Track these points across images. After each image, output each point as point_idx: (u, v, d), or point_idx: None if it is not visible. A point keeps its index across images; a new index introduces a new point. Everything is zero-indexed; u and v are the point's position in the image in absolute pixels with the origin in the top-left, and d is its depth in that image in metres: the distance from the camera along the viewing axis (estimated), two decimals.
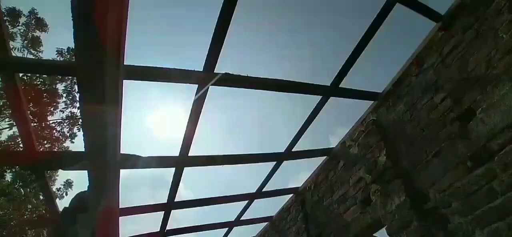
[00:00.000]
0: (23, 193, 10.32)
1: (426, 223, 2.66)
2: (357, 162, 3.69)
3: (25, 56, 9.26)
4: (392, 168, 3.03)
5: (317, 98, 3.32)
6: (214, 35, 2.16)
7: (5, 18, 8.90)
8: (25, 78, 8.84)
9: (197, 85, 2.48)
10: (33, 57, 9.14)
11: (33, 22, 9.47)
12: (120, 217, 4.16)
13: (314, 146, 4.34)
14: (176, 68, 2.27)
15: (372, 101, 3.55)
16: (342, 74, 3.02)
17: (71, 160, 2.58)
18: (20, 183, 10.92)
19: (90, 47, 1.61)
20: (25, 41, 9.37)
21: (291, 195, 5.42)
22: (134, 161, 2.92)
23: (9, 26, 9.01)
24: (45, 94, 9.00)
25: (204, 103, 2.69)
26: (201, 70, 2.35)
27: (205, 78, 2.38)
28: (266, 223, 6.41)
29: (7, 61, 1.89)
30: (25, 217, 10.34)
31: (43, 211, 10.11)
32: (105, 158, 2.33)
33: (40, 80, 9.07)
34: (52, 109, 9.37)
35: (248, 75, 2.55)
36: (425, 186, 2.72)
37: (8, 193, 10.05)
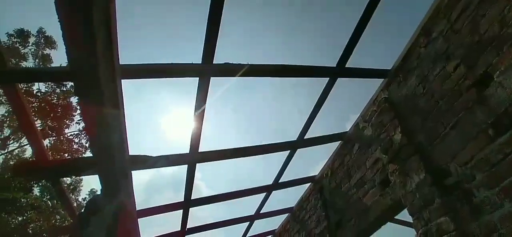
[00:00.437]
0: (51, 205, 10.72)
1: (450, 199, 2.53)
2: (372, 143, 3.57)
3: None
4: (408, 145, 2.90)
5: (325, 83, 3.23)
6: (208, 24, 2.11)
7: (15, 39, 9.21)
8: (39, 94, 9.15)
9: (198, 79, 2.44)
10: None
11: (42, 40, 9.77)
12: (146, 219, 4.22)
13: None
14: (173, 63, 2.23)
15: (382, 79, 3.41)
16: (347, 52, 2.90)
17: (83, 166, 2.61)
18: (48, 196, 11.37)
19: (80, 46, 1.60)
20: (37, 60, 9.67)
21: (309, 184, 5.35)
22: (144, 162, 2.93)
23: (20, 47, 9.32)
24: (59, 109, 9.26)
25: (208, 97, 2.65)
26: (200, 62, 2.31)
27: (204, 70, 2.33)
28: (287, 214, 6.37)
29: (5, 72, 1.91)
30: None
31: (72, 220, 10.47)
32: (113, 160, 2.34)
33: (55, 96, 9.35)
34: (68, 122, 9.65)
35: (249, 63, 2.49)
36: (445, 160, 2.58)
37: (37, 206, 10.47)
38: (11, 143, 10.41)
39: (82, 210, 2.54)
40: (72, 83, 2.06)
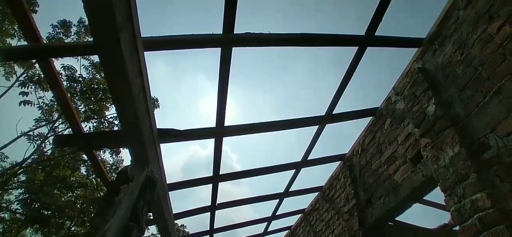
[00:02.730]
0: (95, 183, 11.54)
1: (488, 175, 2.34)
2: (405, 117, 3.39)
3: (80, 62, 10.23)
4: (443, 117, 2.70)
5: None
6: None
7: (59, 30, 9.85)
8: (81, 79, 9.78)
9: (220, 49, 2.43)
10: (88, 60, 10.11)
11: (82, 29, 10.33)
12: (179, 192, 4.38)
13: None
14: (194, 34, 2.24)
15: (416, 49, 3.19)
16: (376, 19, 2.73)
17: (113, 138, 2.75)
18: (93, 175, 12.24)
19: (101, 18, 1.65)
20: None
21: (339, 162, 5.24)
22: (171, 135, 3.02)
23: (64, 37, 9.96)
24: (100, 93, 9.82)
25: (231, 69, 2.64)
26: (220, 32, 2.30)
27: (225, 39, 2.31)
28: (317, 193, 6.32)
29: (38, 48, 2.04)
30: None
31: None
32: (139, 132, 2.43)
33: (95, 81, 9.91)
34: (108, 105, 10.21)
35: (270, 32, 2.43)
36: (483, 132, 2.37)
37: (84, 183, 11.33)
38: (60, 124, 11.19)
39: (114, 179, 2.69)
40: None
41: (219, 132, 3.33)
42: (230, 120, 3.33)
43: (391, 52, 3.24)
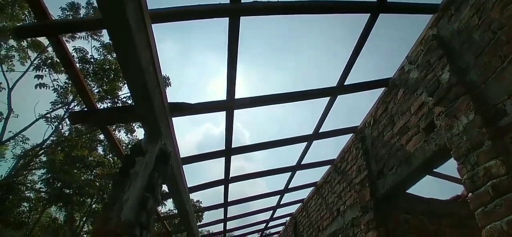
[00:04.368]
0: (112, 161, 11.89)
1: (503, 142, 2.29)
2: (418, 87, 3.32)
3: (90, 42, 10.34)
4: (457, 84, 2.63)
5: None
6: None
7: (68, 12, 9.95)
8: (92, 60, 9.91)
9: (228, 19, 2.40)
10: (97, 41, 10.18)
11: (91, 11, 10.39)
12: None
13: None
14: (201, 4, 2.22)
15: (431, 15, 3.08)
16: None
17: (125, 113, 2.80)
18: (110, 154, 12.59)
19: None
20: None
21: (351, 134, 5.22)
22: (183, 109, 3.05)
23: None
24: (112, 73, 9.96)
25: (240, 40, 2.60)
26: (228, 2, 2.27)
27: (232, 9, 2.29)
28: (329, 166, 6.36)
29: (48, 24, 2.06)
30: None
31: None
32: (151, 105, 2.46)
33: (108, 60, 10.03)
34: (121, 85, 10.35)
35: (278, 0, 2.38)
36: (500, 98, 2.30)
37: (101, 162, 11.69)
38: (75, 106, 11.45)
39: (128, 152, 2.76)
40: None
41: (230, 105, 3.34)
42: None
43: (404, 21, 3.13)
